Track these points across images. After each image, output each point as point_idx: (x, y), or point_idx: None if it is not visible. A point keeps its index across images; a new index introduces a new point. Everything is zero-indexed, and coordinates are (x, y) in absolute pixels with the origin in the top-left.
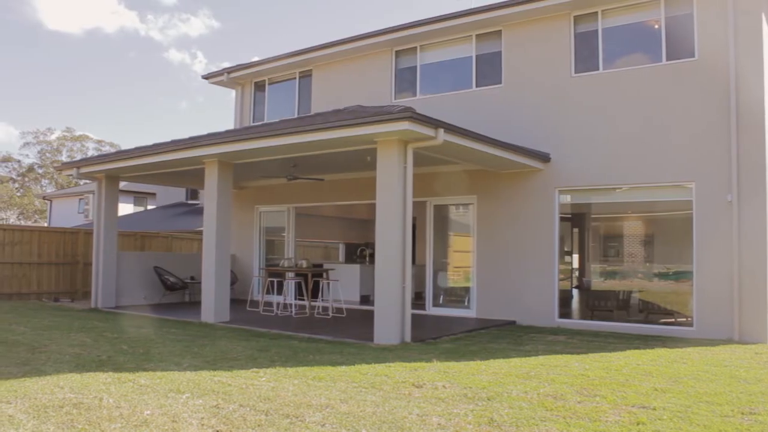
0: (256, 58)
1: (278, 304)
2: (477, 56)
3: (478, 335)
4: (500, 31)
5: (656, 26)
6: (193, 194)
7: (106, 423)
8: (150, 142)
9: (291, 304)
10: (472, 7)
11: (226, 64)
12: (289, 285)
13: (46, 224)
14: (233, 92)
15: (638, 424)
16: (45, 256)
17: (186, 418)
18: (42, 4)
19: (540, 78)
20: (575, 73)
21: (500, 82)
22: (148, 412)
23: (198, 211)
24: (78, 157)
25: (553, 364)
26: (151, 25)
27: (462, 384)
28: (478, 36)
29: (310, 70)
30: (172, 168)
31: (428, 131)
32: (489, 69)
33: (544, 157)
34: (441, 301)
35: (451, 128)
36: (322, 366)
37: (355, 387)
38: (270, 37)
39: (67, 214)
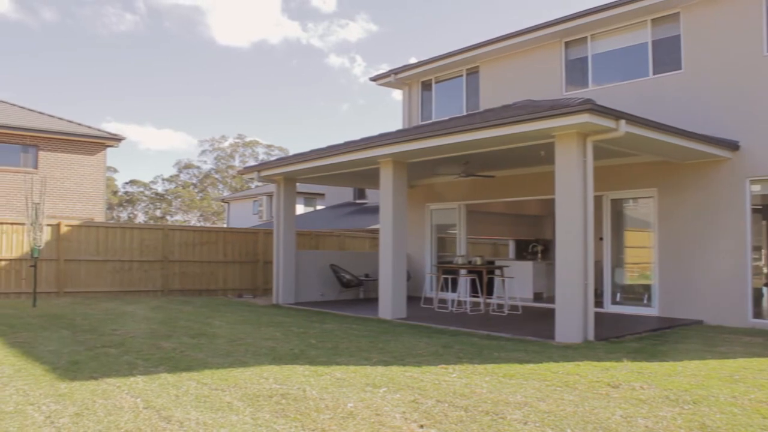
0: (413, 59)
1: (452, 301)
2: (653, 42)
3: (663, 335)
4: (678, 13)
5: None
6: (360, 194)
7: (314, 413)
8: (315, 145)
9: (465, 301)
10: None
11: (385, 66)
12: (464, 282)
13: (224, 225)
14: (394, 93)
15: None
16: (229, 255)
17: (388, 412)
18: (214, 23)
19: (725, 60)
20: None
21: (680, 68)
22: (351, 404)
23: (366, 210)
24: (249, 161)
25: (758, 368)
26: (311, 33)
27: (660, 386)
28: (653, 20)
29: (477, 66)
30: (346, 169)
31: (609, 123)
32: (666, 54)
33: (732, 146)
34: (619, 299)
35: (633, 119)
36: (509, 363)
37: (548, 385)
38: (428, 37)
39: (242, 215)
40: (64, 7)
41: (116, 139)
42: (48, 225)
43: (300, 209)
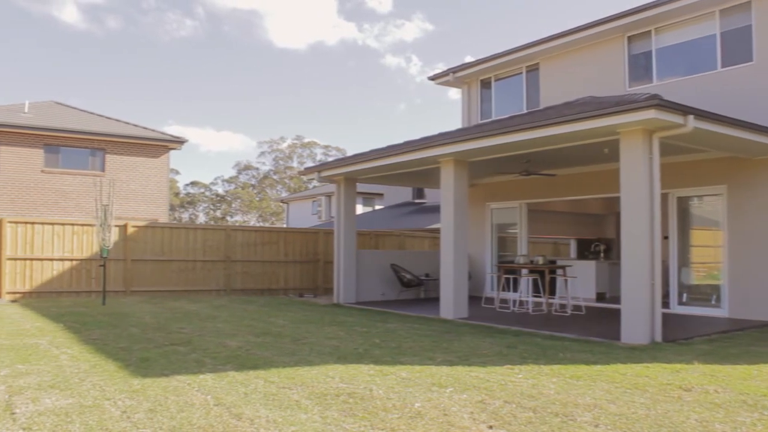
0: (469, 57)
1: (514, 301)
2: (721, 33)
3: (734, 336)
4: (749, 2)
5: None
6: (419, 193)
7: (382, 413)
8: (373, 145)
9: (527, 301)
10: None
11: (441, 65)
12: (525, 282)
13: (283, 225)
14: (451, 92)
15: None
16: (290, 255)
17: (456, 412)
18: (271, 26)
19: None
20: None
21: (750, 60)
22: (418, 404)
23: (425, 210)
24: (307, 162)
25: None
26: (367, 34)
27: (735, 389)
28: (722, 11)
29: (537, 63)
30: (406, 168)
31: (676, 119)
32: (736, 46)
33: None
34: (685, 299)
35: (701, 114)
36: (575, 364)
37: (617, 387)
38: (483, 35)
39: (301, 216)
40: (128, 16)
41: (179, 141)
42: (116, 226)
43: (359, 209)
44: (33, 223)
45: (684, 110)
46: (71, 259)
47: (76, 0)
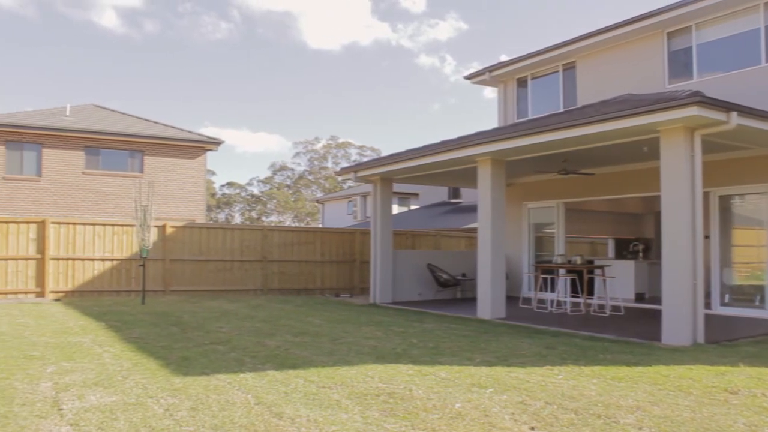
0: (504, 56)
1: (552, 301)
2: (765, 27)
3: None
4: None
5: None
6: (455, 193)
7: (423, 413)
8: (407, 145)
9: (565, 302)
10: None
11: (476, 64)
12: (563, 282)
13: (319, 225)
14: (485, 91)
15: None
16: (327, 255)
17: (497, 413)
18: (305, 27)
19: None
20: None
21: None
22: (458, 404)
23: (460, 210)
24: (342, 162)
25: None
26: (401, 34)
27: None
28: (766, 4)
29: (574, 61)
30: (443, 168)
31: (719, 116)
32: None
33: None
34: (728, 300)
35: (745, 110)
36: (616, 366)
37: (660, 389)
38: (518, 34)
39: (337, 216)
40: (165, 19)
41: (215, 143)
42: (155, 226)
43: (394, 209)
44: (75, 223)
45: (727, 107)
46: (111, 259)
47: (114, 5)
